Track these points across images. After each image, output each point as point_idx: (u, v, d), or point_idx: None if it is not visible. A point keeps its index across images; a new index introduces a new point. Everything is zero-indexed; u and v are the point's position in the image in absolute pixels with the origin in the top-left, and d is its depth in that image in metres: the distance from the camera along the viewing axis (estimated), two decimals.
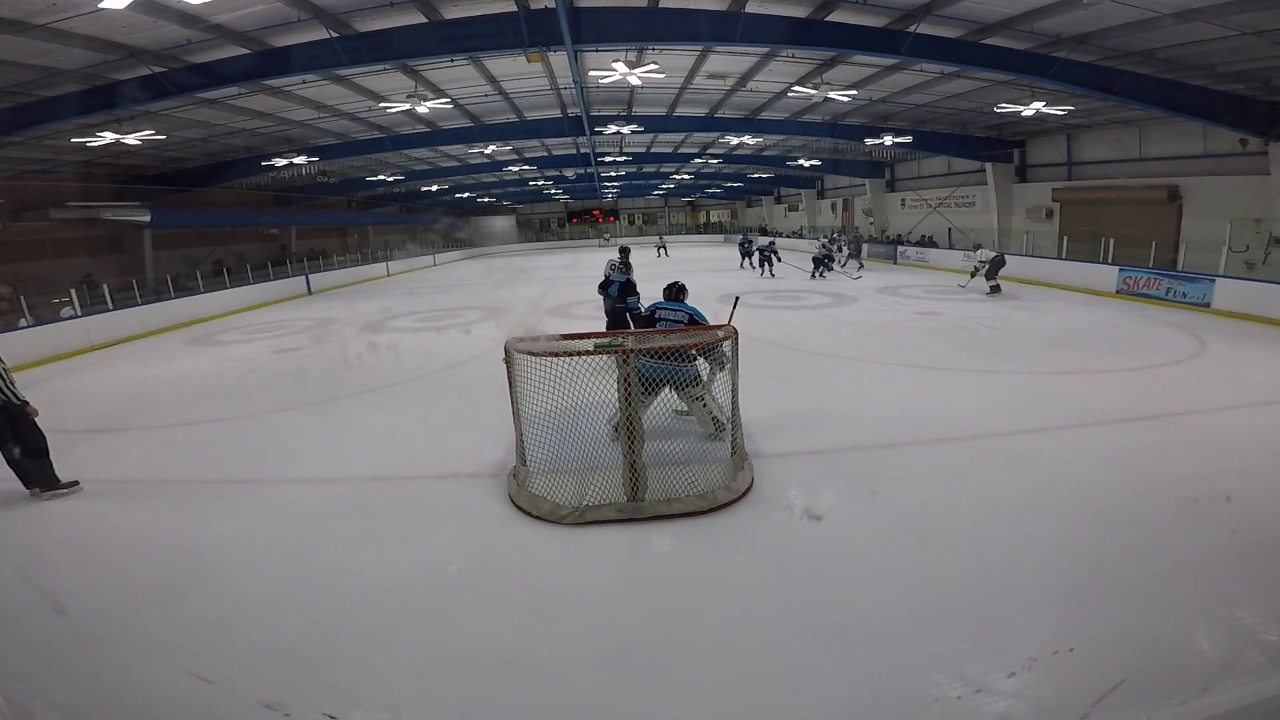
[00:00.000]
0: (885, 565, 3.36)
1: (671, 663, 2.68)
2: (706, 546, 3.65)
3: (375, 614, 3.08)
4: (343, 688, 2.59)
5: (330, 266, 24.36)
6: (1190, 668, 2.54)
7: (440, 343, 10.44)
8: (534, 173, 28.64)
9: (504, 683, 2.60)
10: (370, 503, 4.42)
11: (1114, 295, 12.66)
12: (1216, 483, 4.04)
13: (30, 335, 10.84)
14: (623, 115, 16.42)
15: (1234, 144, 12.57)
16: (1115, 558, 3.30)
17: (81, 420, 6.70)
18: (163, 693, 2.61)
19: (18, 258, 15.62)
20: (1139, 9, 8.32)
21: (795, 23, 9.48)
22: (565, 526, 3.84)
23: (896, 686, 2.50)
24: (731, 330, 4.45)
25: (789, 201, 37.22)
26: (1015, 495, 4.10)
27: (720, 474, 4.26)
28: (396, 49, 9.33)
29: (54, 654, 2.85)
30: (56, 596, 3.30)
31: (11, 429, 4.56)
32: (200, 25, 8.47)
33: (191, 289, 16.35)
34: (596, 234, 44.67)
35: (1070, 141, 17.22)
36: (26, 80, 9.44)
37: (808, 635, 2.82)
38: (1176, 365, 7.29)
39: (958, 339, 9.08)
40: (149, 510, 4.51)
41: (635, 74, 10.39)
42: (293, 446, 5.69)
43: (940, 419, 5.57)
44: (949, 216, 22.04)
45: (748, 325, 7.53)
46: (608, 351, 4.06)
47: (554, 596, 3.19)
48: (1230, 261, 11.32)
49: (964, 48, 10.01)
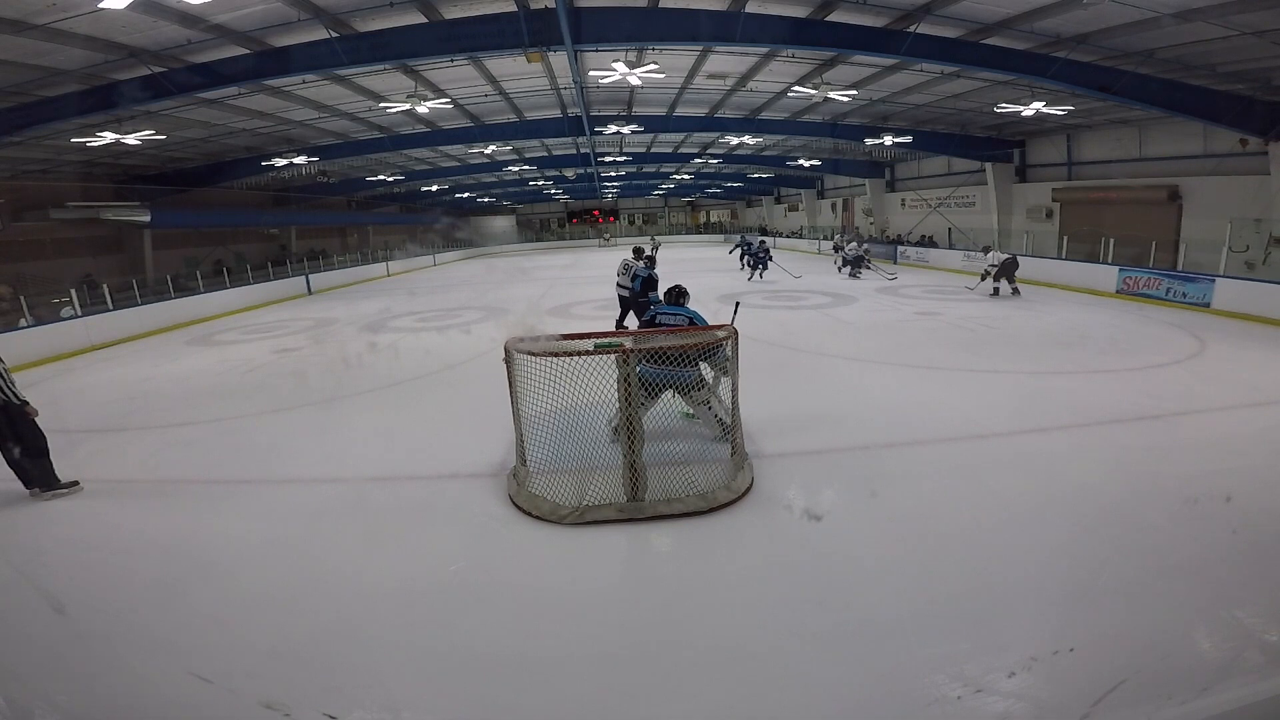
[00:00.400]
0: (885, 565, 3.36)
1: (671, 663, 2.68)
2: (706, 546, 3.65)
3: (375, 614, 3.08)
4: (343, 688, 2.59)
5: (330, 266, 24.35)
6: (1190, 668, 2.53)
7: (440, 343, 10.44)
8: (534, 173, 28.63)
9: (504, 683, 2.60)
10: (370, 503, 4.42)
11: (1114, 295, 12.66)
12: (1216, 483, 4.04)
13: (30, 335, 10.84)
14: (623, 115, 16.41)
15: (1234, 144, 12.57)
16: (1115, 558, 3.30)
17: (81, 420, 6.69)
18: (162, 693, 2.61)
19: (18, 258, 15.60)
20: (1139, 9, 8.32)
21: (795, 23, 9.48)
22: (565, 526, 3.83)
23: (896, 686, 2.50)
24: (732, 330, 4.46)
25: (789, 201, 37.20)
26: (1015, 495, 4.10)
27: (720, 474, 4.26)
28: (396, 49, 9.33)
29: (54, 654, 2.85)
30: (56, 596, 3.30)
31: (11, 429, 4.56)
32: (200, 25, 8.46)
33: (191, 289, 16.35)
34: (596, 234, 44.65)
35: (1070, 141, 17.22)
36: (26, 80, 9.44)
37: (807, 635, 2.82)
38: (1176, 365, 7.29)
39: (958, 339, 9.08)
40: (149, 510, 4.51)
41: (635, 74, 10.39)
42: (293, 446, 5.68)
43: (940, 419, 5.57)
44: (949, 216, 22.03)
45: (748, 325, 7.52)
46: (608, 352, 4.06)
47: (554, 596, 3.19)
48: (1230, 261, 11.32)
49: (964, 48, 10.01)
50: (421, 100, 11.54)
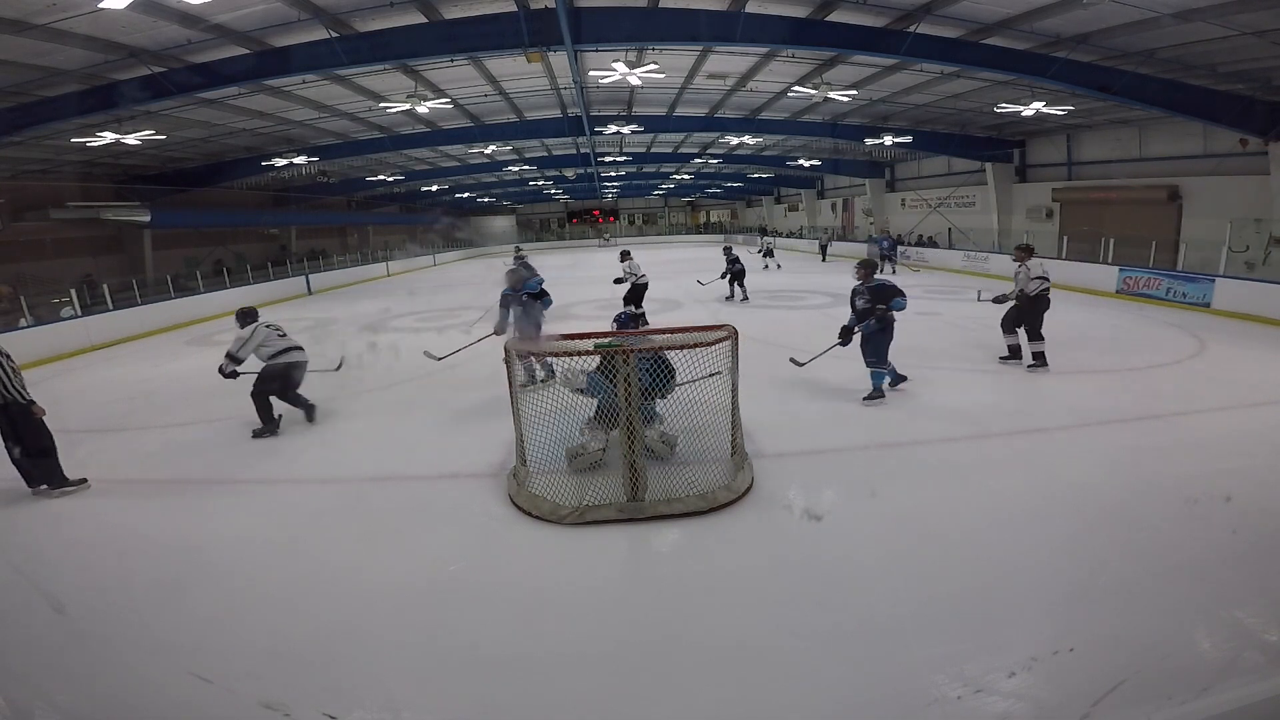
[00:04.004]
0: (885, 565, 3.36)
1: (671, 663, 2.68)
2: (706, 546, 3.65)
3: (375, 614, 3.08)
4: (343, 688, 2.59)
5: (330, 266, 24.35)
6: (1190, 668, 2.53)
7: (440, 343, 10.38)
8: (534, 173, 28.64)
9: (504, 683, 2.60)
10: (370, 503, 4.41)
11: (1114, 295, 12.65)
12: (1216, 483, 4.04)
13: (30, 335, 10.83)
14: (623, 115, 16.42)
15: (1234, 144, 12.58)
16: (1115, 558, 3.30)
17: (81, 420, 6.68)
18: (162, 693, 2.60)
19: (18, 258, 15.59)
20: (1139, 9, 8.32)
21: (795, 23, 9.48)
22: (565, 526, 3.83)
23: (896, 687, 2.49)
24: (731, 330, 4.45)
25: (789, 201, 37.21)
26: (1015, 495, 4.09)
27: (720, 474, 4.26)
28: (396, 49, 9.34)
29: (54, 654, 2.85)
30: (56, 596, 3.30)
31: (12, 429, 4.56)
32: (200, 25, 8.47)
33: (191, 289, 16.35)
34: (596, 234, 44.65)
35: (1070, 141, 17.23)
36: (26, 80, 9.45)
37: (807, 635, 2.81)
38: (1176, 365, 7.28)
39: (957, 338, 9.07)
40: (149, 510, 4.51)
41: (635, 74, 10.39)
42: (293, 446, 5.68)
43: (940, 419, 5.57)
44: (949, 216, 22.03)
45: (748, 325, 7.53)
46: (608, 351, 4.06)
47: (554, 596, 3.19)
48: (1230, 261, 11.32)
49: (964, 48, 10.02)
50: (421, 100, 11.54)
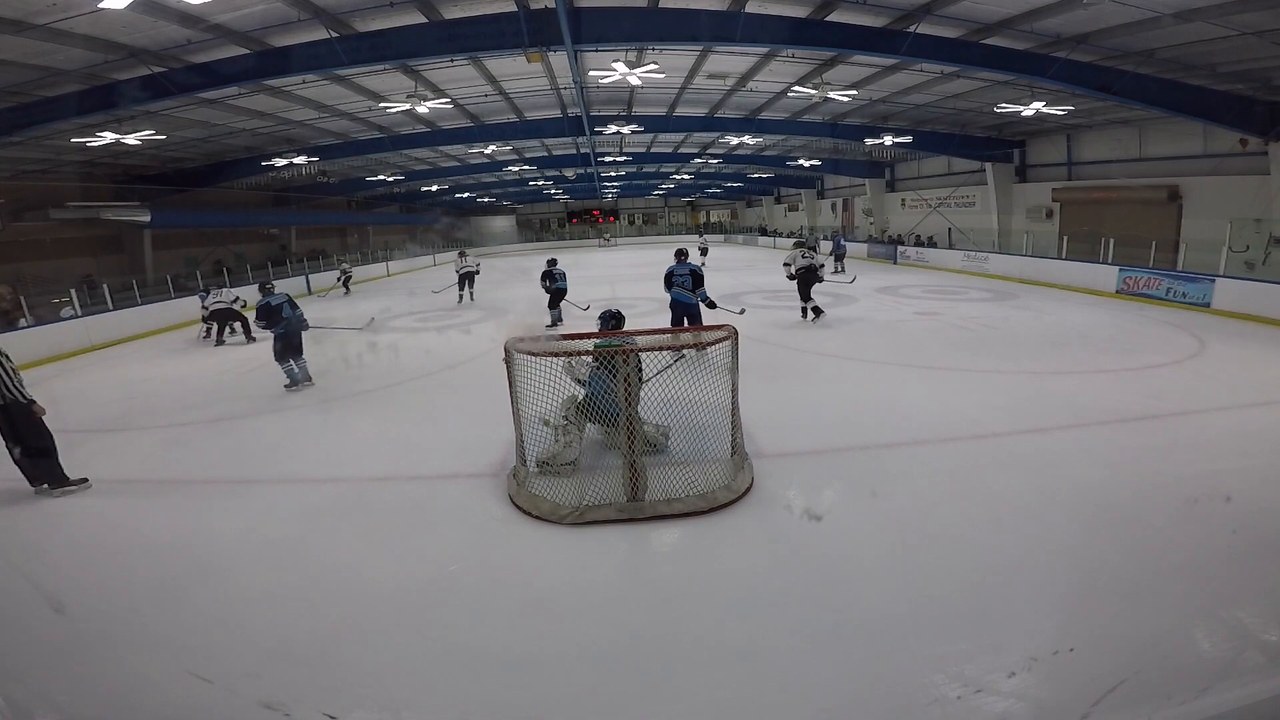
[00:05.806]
0: (885, 565, 3.36)
1: (671, 663, 2.68)
2: (706, 546, 3.65)
3: (375, 614, 3.08)
4: (343, 688, 2.59)
5: (330, 266, 24.32)
6: (1190, 668, 2.53)
7: (440, 343, 10.45)
8: (534, 173, 28.63)
9: (504, 683, 2.60)
10: (370, 503, 4.42)
11: (1114, 295, 12.65)
12: (1216, 483, 4.04)
13: (30, 335, 10.84)
14: (623, 115, 16.41)
15: (1234, 144, 12.57)
16: (1115, 558, 3.30)
17: (81, 420, 6.69)
18: (163, 693, 2.61)
19: (18, 258, 15.60)
20: (1139, 9, 8.31)
21: (795, 23, 9.48)
22: (565, 526, 3.83)
23: (896, 686, 2.50)
24: (731, 330, 4.45)
25: (789, 201, 37.18)
26: (1015, 495, 4.09)
27: (720, 474, 4.26)
28: (396, 49, 9.33)
29: (54, 654, 2.85)
30: (56, 596, 3.30)
31: (11, 429, 4.56)
32: (200, 25, 8.46)
33: (191, 289, 16.33)
34: (597, 234, 44.63)
35: (1070, 141, 17.22)
36: (26, 80, 9.44)
37: (807, 635, 2.82)
38: (1176, 365, 7.28)
39: (957, 339, 9.08)
40: (149, 510, 4.51)
41: (635, 74, 10.37)
42: (293, 446, 5.69)
43: (940, 419, 5.57)
44: (949, 216, 22.02)
45: (748, 325, 7.54)
46: (607, 351, 4.06)
47: (554, 596, 3.19)
48: (1230, 261, 11.31)
49: (964, 48, 10.01)
50: (421, 100, 11.53)
